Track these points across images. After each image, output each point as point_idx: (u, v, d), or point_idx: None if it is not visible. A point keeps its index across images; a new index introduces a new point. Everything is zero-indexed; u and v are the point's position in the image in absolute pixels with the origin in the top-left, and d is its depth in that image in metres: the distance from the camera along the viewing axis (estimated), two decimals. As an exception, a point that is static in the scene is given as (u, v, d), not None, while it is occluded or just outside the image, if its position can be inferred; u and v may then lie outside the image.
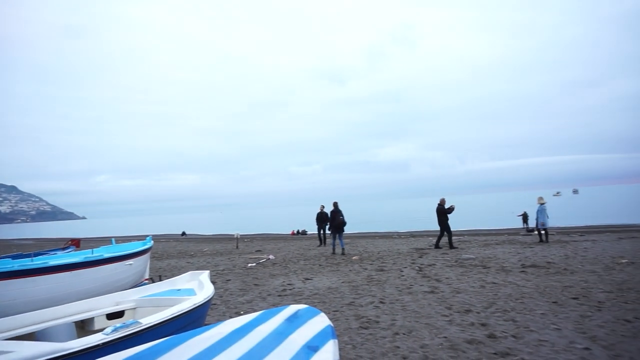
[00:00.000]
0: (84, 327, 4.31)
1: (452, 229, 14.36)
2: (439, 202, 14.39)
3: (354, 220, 47.27)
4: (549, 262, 9.86)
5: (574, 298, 6.48)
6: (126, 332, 3.17)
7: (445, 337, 4.97)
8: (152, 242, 9.57)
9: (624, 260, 9.51)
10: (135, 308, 4.75)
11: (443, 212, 14.04)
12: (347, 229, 15.35)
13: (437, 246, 14.14)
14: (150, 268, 10.03)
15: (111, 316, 4.51)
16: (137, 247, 8.80)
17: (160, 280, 7.17)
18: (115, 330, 3.12)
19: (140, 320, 3.42)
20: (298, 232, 30.64)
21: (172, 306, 3.96)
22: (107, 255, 7.64)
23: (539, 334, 4.91)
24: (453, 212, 14.22)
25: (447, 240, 14.05)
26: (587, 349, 4.39)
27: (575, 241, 14.27)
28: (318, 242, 17.90)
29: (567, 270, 8.75)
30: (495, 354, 4.37)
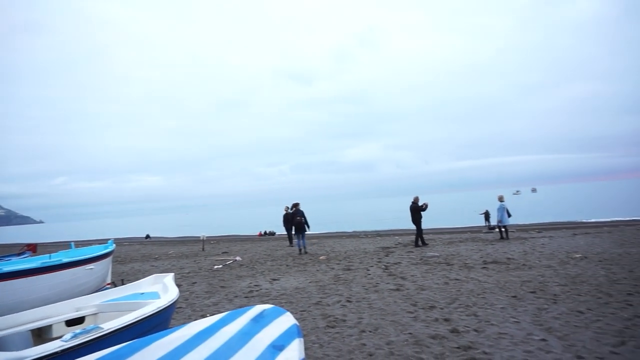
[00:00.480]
0: (41, 335, 4.09)
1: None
2: (412, 200, 14.70)
3: (321, 220, 47.41)
4: (509, 258, 10.25)
5: (531, 292, 6.77)
6: (86, 338, 3.03)
7: (410, 333, 5.09)
8: (114, 245, 9.28)
9: (577, 255, 10.01)
10: (96, 313, 4.57)
11: (417, 210, 14.37)
12: (315, 229, 15.45)
13: (424, 244, 14.30)
14: (113, 272, 9.71)
15: (71, 323, 4.31)
16: (98, 251, 8.51)
17: (123, 284, 6.96)
18: (75, 336, 2.98)
19: (101, 326, 3.29)
20: (265, 233, 30.38)
21: (135, 310, 3.84)
22: (66, 260, 7.31)
23: (499, 328, 5.10)
24: (426, 209, 14.58)
25: (414, 238, 14.31)
26: (543, 340, 4.60)
27: (533, 238, 14.87)
28: (288, 243, 17.99)
29: (525, 266, 9.12)
30: (458, 347, 4.51)
